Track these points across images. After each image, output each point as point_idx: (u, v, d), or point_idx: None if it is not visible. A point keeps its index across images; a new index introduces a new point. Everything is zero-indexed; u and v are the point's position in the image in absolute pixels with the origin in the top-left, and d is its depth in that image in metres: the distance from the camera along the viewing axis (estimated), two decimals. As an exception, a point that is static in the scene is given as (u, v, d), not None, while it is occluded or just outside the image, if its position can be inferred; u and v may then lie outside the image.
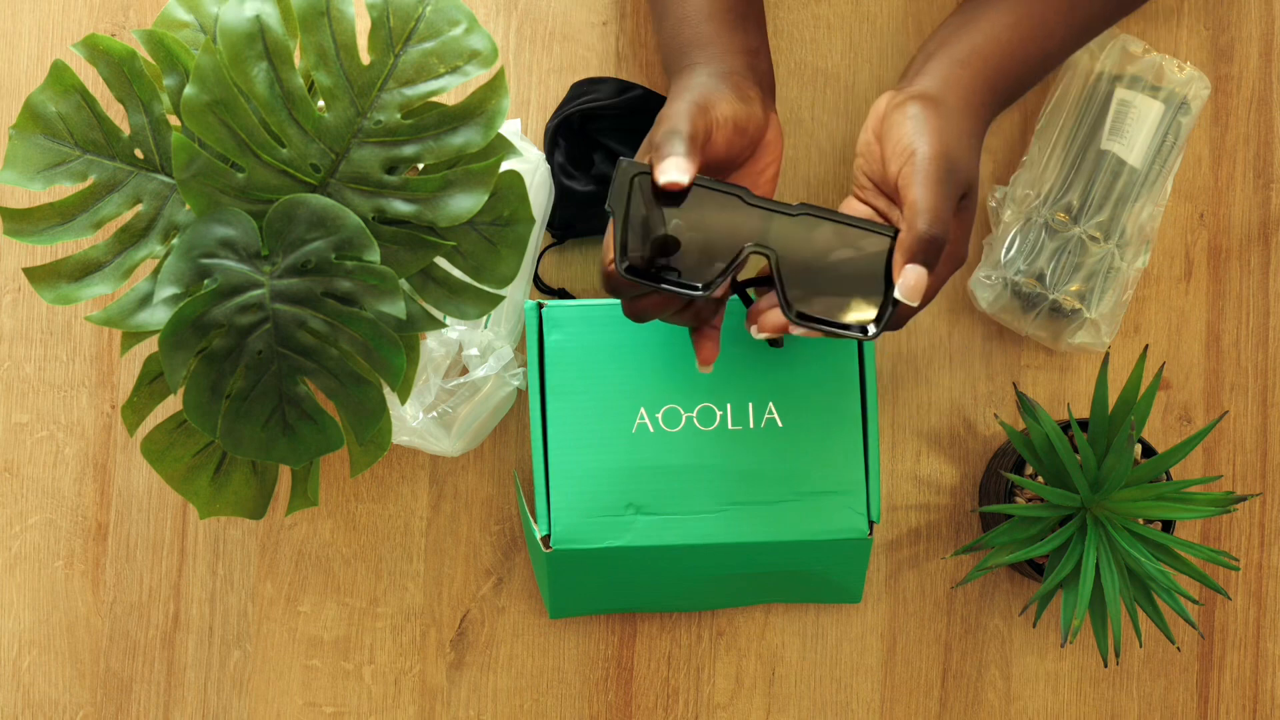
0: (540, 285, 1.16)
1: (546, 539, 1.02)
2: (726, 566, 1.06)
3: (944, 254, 0.94)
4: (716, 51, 1.01)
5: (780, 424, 1.04)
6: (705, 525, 1.03)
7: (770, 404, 1.04)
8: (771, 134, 0.99)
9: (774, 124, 1.00)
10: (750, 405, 1.04)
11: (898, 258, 0.91)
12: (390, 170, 0.95)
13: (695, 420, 1.04)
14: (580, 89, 1.17)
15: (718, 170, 0.97)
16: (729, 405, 1.03)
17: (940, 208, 0.91)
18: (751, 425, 1.04)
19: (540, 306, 1.04)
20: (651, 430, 1.04)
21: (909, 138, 0.94)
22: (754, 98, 0.99)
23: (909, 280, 0.90)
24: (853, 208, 0.98)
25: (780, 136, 1.00)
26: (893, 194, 0.94)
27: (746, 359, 1.04)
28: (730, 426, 1.04)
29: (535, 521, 1.04)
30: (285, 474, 1.15)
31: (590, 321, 1.04)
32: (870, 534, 1.03)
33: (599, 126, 1.15)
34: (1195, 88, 1.14)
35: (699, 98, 0.95)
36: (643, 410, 1.04)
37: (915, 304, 0.91)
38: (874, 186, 0.97)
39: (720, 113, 0.95)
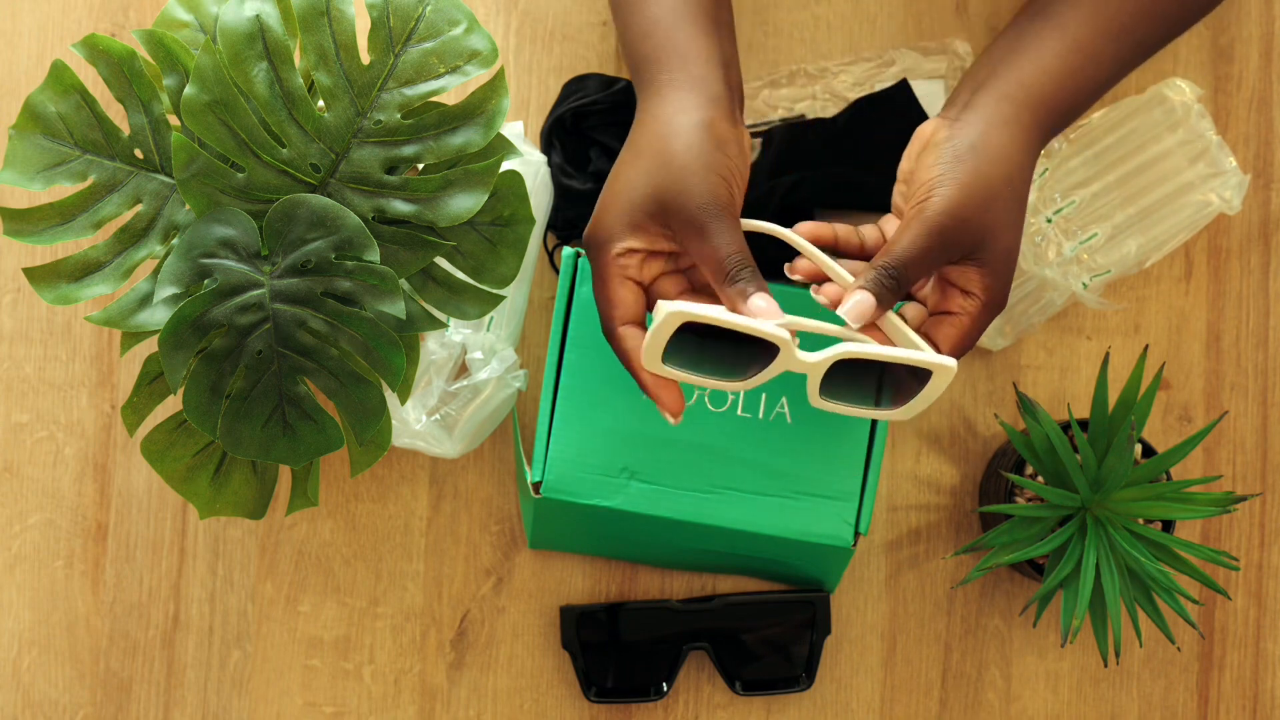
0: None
1: (537, 485, 1.02)
2: (708, 544, 1.06)
3: (981, 304, 0.94)
4: (695, 66, 0.96)
5: (789, 420, 1.04)
6: (695, 503, 1.03)
7: (784, 398, 1.04)
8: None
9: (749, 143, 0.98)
10: (764, 396, 1.04)
11: (855, 282, 0.92)
12: (390, 170, 0.95)
13: (707, 400, 1.04)
14: (570, 88, 1.17)
15: None
16: (743, 392, 1.03)
17: (917, 256, 0.91)
18: (761, 416, 1.04)
19: (578, 255, 1.04)
20: None
21: (933, 183, 0.93)
22: (739, 119, 0.96)
23: (849, 305, 0.91)
24: (891, 225, 0.98)
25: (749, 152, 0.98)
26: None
27: None
28: (740, 413, 1.04)
29: (529, 465, 1.04)
30: (285, 474, 1.15)
31: None
32: (854, 545, 1.03)
33: (591, 124, 1.15)
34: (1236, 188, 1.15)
35: (721, 176, 0.92)
36: None
37: (855, 326, 0.91)
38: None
39: (739, 172, 0.94)
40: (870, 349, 0.90)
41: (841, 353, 0.90)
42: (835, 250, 0.97)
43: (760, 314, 0.90)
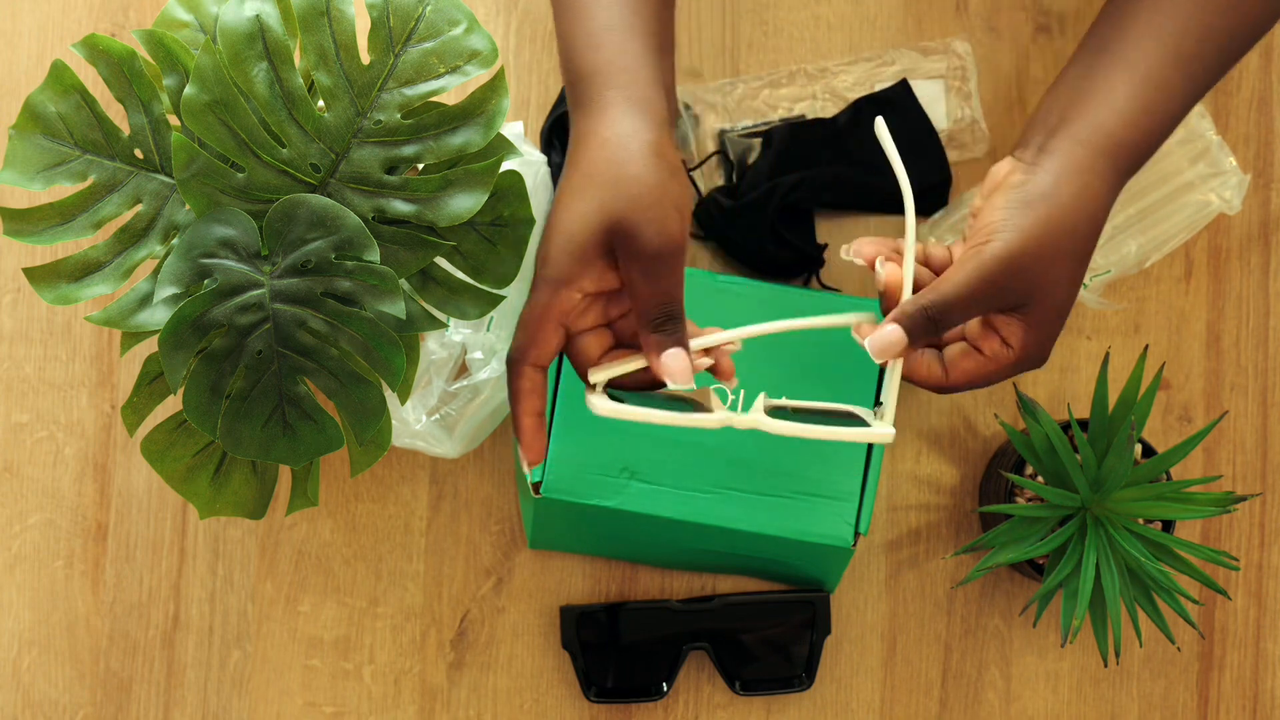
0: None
1: (537, 485, 1.02)
2: (708, 544, 1.06)
3: (1014, 359, 0.93)
4: (644, 86, 0.92)
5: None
6: (695, 503, 1.03)
7: (783, 398, 1.04)
8: None
9: None
10: (763, 396, 1.04)
11: (891, 314, 0.91)
12: (390, 170, 0.95)
13: None
14: (572, 88, 1.17)
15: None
16: (742, 391, 1.03)
17: (963, 301, 0.90)
18: None
19: None
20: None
21: (995, 226, 0.91)
22: (677, 145, 0.93)
23: (877, 336, 0.90)
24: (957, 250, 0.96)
25: None
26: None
27: (768, 351, 1.04)
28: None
29: (528, 465, 1.04)
30: (285, 474, 1.15)
31: None
32: (854, 545, 1.03)
33: None
34: (1235, 188, 1.14)
35: (677, 209, 0.89)
36: None
37: (878, 362, 0.90)
38: None
39: (690, 203, 0.91)
40: (791, 427, 0.91)
41: (762, 426, 0.91)
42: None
43: (669, 368, 0.89)
